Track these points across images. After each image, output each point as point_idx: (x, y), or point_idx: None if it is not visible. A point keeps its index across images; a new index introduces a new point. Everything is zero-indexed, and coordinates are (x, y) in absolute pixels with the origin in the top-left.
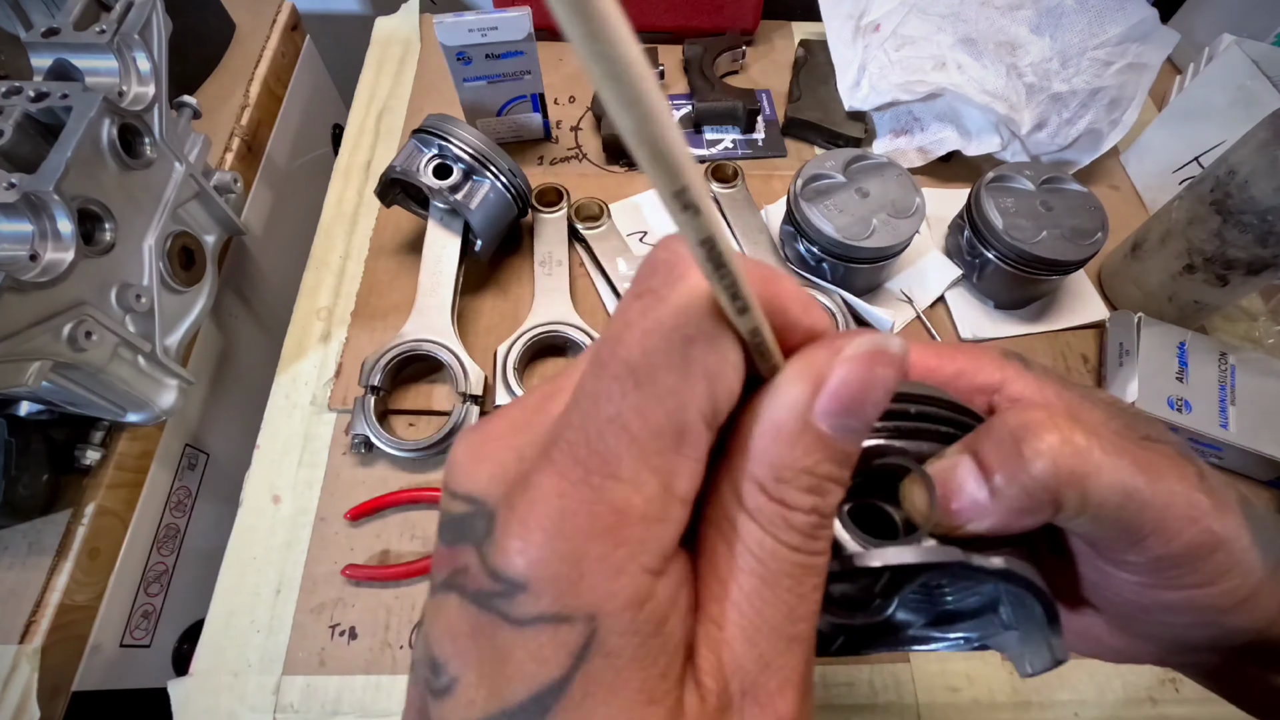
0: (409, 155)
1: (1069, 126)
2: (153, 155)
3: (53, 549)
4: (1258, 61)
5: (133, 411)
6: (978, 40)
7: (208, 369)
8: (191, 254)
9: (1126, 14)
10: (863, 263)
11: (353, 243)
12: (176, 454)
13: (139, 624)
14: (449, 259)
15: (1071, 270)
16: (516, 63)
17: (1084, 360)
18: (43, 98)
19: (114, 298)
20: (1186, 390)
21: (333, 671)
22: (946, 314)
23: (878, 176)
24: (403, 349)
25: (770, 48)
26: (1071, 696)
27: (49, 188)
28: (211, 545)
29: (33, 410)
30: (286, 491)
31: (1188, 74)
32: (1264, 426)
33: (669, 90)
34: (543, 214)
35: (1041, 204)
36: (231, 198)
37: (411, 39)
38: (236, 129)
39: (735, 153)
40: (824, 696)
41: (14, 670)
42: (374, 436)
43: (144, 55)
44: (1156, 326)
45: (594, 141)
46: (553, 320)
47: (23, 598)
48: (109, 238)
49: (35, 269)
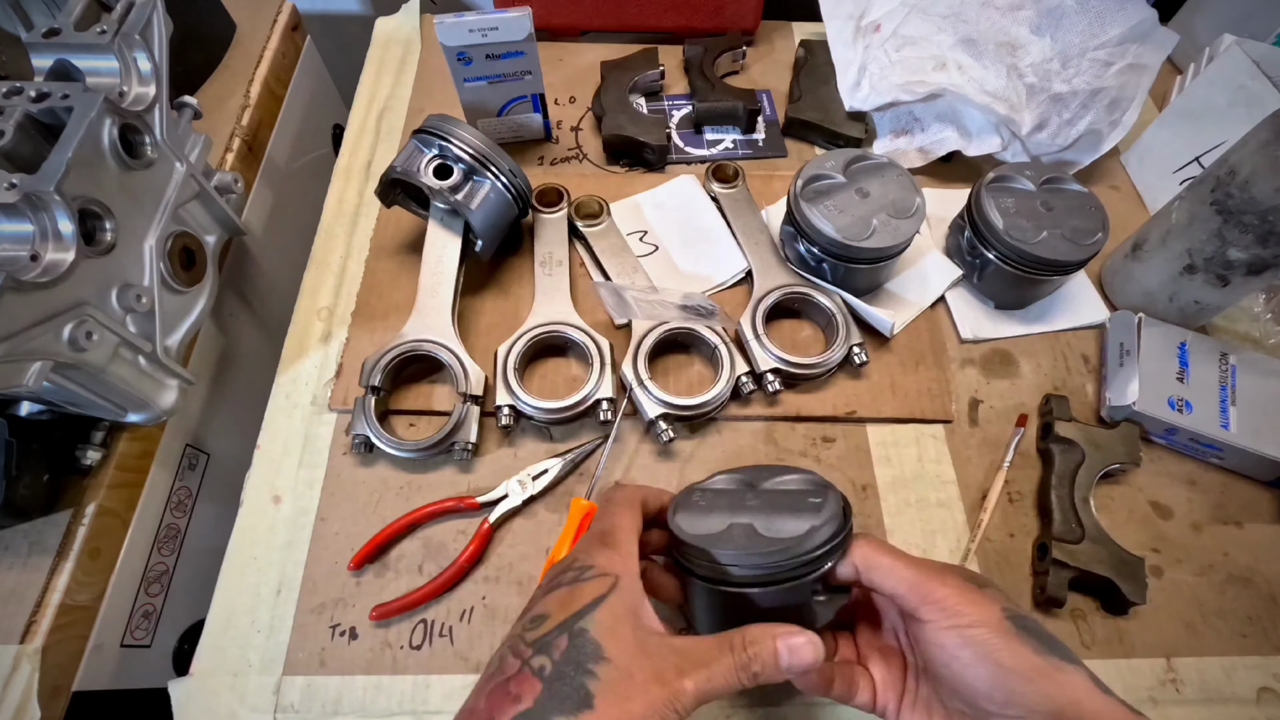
0: (409, 155)
1: (1069, 127)
2: (153, 155)
3: (53, 549)
4: (1258, 62)
5: (133, 412)
6: (978, 41)
7: (208, 369)
8: (192, 254)
9: (1126, 14)
10: (863, 263)
11: (353, 243)
12: (177, 454)
13: (139, 624)
14: (449, 259)
15: (1072, 270)
16: (517, 63)
17: (1084, 361)
18: (44, 98)
19: (115, 298)
20: (1187, 391)
21: (333, 672)
22: (947, 314)
23: (878, 177)
24: (403, 349)
25: (770, 48)
26: None
27: (50, 188)
28: (212, 545)
29: (33, 410)
30: (287, 492)
31: (1188, 74)
32: (1265, 427)
33: (669, 91)
34: (543, 214)
35: (1042, 204)
36: (232, 198)
37: (412, 39)
38: (237, 129)
39: (736, 153)
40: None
41: (15, 670)
42: (374, 437)
43: (145, 56)
44: (1157, 327)
45: (594, 142)
46: (553, 320)
47: (24, 598)
48: (110, 238)
49: (36, 269)
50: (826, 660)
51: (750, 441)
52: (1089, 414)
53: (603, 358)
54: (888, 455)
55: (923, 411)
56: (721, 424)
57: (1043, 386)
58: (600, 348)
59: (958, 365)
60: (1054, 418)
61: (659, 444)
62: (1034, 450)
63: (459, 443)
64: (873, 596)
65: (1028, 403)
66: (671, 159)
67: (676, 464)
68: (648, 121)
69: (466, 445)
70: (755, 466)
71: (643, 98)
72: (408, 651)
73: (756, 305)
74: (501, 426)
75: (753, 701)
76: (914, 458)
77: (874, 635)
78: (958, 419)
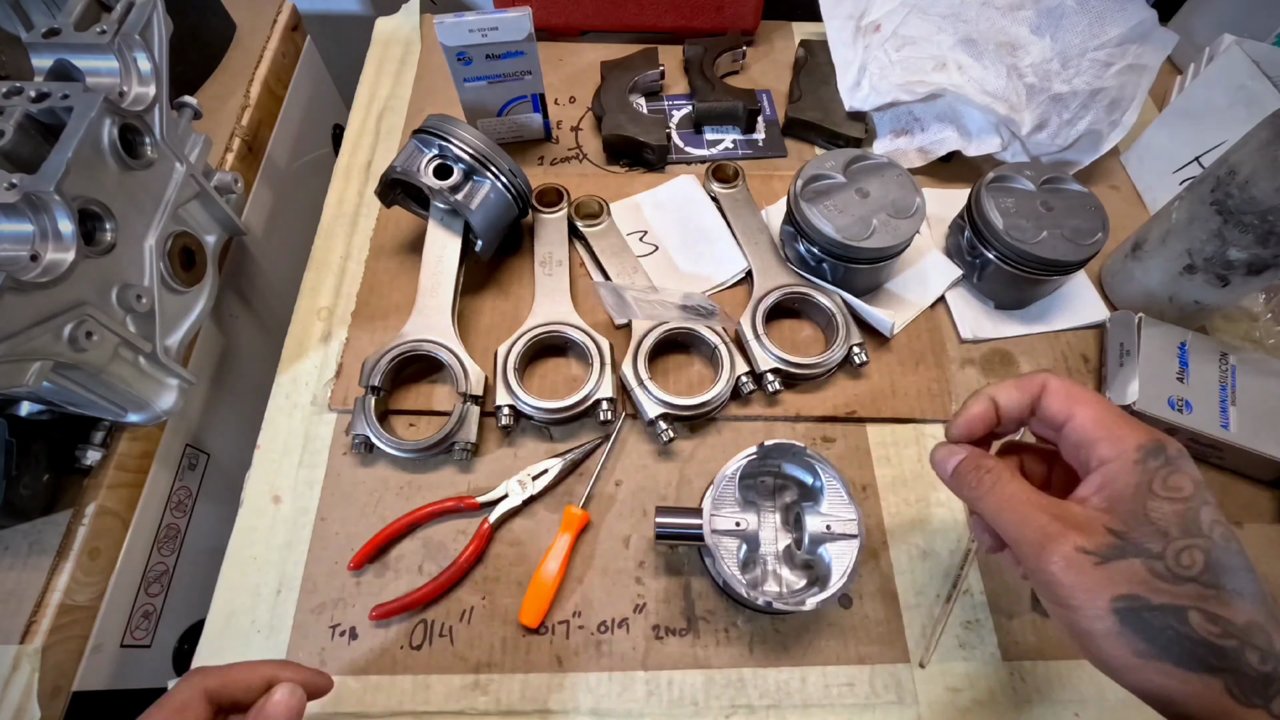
0: (409, 155)
1: (1069, 127)
2: (153, 155)
3: (53, 549)
4: (1258, 62)
5: (133, 412)
6: (978, 41)
7: (208, 369)
8: (192, 254)
9: (1126, 15)
10: (863, 263)
11: (353, 243)
12: (177, 454)
13: (139, 624)
14: (449, 259)
15: (1072, 270)
16: (517, 63)
17: (1084, 360)
18: (43, 98)
19: (115, 298)
20: (1187, 390)
21: (333, 671)
22: (947, 314)
23: (878, 177)
24: (403, 349)
25: (770, 48)
26: (1072, 696)
27: (50, 188)
28: (212, 545)
29: (33, 410)
30: (287, 492)
31: (1188, 74)
32: (1264, 427)
33: (669, 91)
34: (543, 214)
35: (1042, 204)
36: (232, 198)
37: (412, 39)
38: (237, 129)
39: (735, 153)
40: (824, 696)
41: (15, 670)
42: (374, 437)
43: (144, 56)
44: (1157, 327)
45: (594, 141)
46: (554, 320)
47: (23, 598)
48: (110, 238)
49: (36, 269)
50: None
51: (750, 441)
52: None
53: (603, 358)
54: (888, 455)
55: (923, 411)
56: (721, 424)
57: None
58: (600, 348)
59: (958, 365)
60: None
61: (659, 444)
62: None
63: (459, 443)
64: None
65: None
66: (671, 159)
67: (676, 464)
68: (648, 121)
69: (466, 445)
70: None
71: (643, 98)
72: (407, 651)
73: (756, 305)
74: (501, 426)
75: (755, 702)
76: (914, 458)
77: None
78: None
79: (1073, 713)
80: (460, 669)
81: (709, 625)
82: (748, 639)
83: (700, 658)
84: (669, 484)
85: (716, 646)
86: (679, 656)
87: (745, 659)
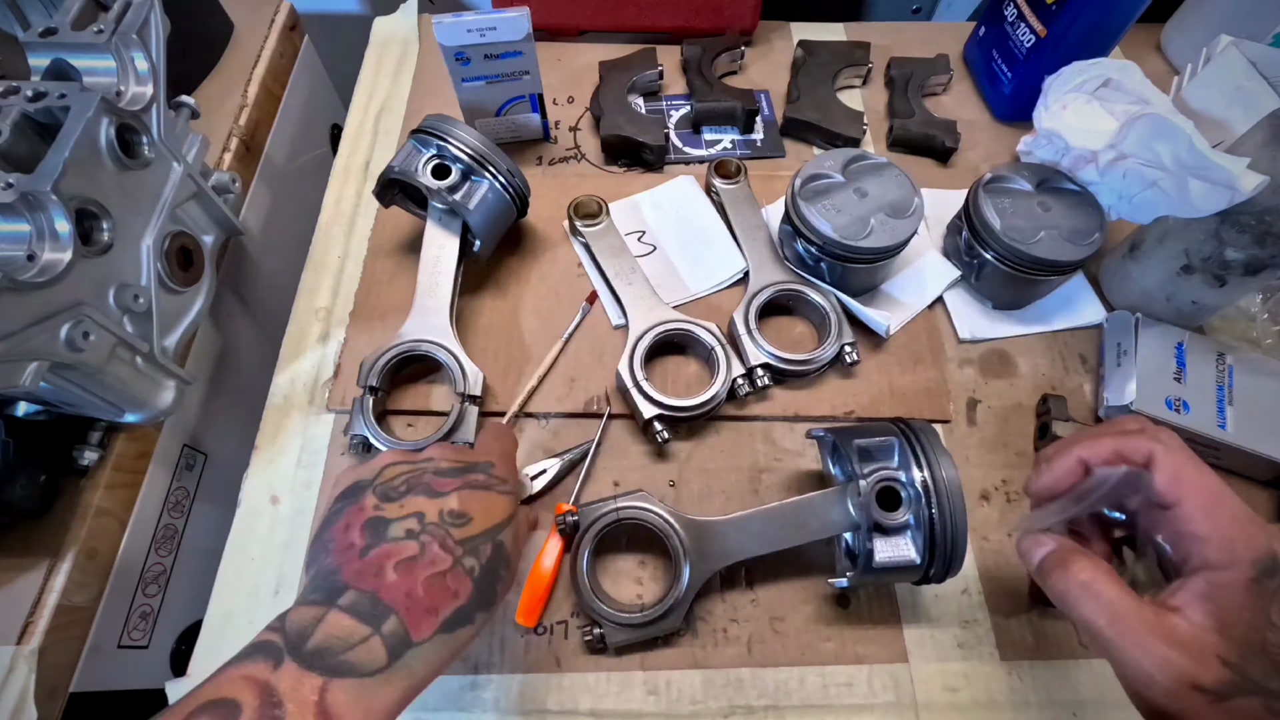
0: (407, 155)
1: None
2: (151, 155)
3: (50, 550)
4: (1255, 62)
5: (130, 412)
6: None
7: (206, 369)
8: (190, 254)
9: None
10: (860, 262)
11: (351, 243)
12: (174, 454)
13: (137, 625)
14: (447, 259)
15: (1069, 271)
16: (515, 63)
17: (1082, 361)
18: (40, 97)
19: (112, 298)
20: (1184, 391)
21: None
22: (945, 314)
23: (876, 177)
24: (401, 349)
25: (769, 48)
26: (1071, 696)
27: (46, 188)
28: (210, 546)
29: (30, 411)
30: (285, 492)
31: (1185, 75)
32: (1262, 427)
33: (668, 91)
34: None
35: (1039, 205)
36: (230, 198)
37: (410, 39)
38: (235, 129)
39: (734, 153)
40: (822, 696)
41: (11, 671)
42: (372, 437)
43: (142, 55)
44: (1154, 327)
45: (593, 142)
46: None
47: (20, 598)
48: (107, 238)
49: (33, 269)
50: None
51: (748, 442)
52: (1087, 414)
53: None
54: None
55: (921, 411)
56: (718, 424)
57: (1040, 386)
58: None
59: (956, 365)
60: (1052, 417)
61: (655, 445)
62: (1032, 450)
63: (457, 443)
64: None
65: (1025, 403)
66: (670, 159)
67: (673, 465)
68: (646, 121)
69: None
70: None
71: (641, 98)
72: None
73: (750, 301)
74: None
75: (754, 702)
76: None
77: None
78: (956, 419)
79: (1071, 713)
80: (459, 669)
81: (707, 625)
82: (746, 639)
83: (699, 658)
84: (667, 485)
85: (715, 647)
86: (678, 657)
87: (744, 659)
